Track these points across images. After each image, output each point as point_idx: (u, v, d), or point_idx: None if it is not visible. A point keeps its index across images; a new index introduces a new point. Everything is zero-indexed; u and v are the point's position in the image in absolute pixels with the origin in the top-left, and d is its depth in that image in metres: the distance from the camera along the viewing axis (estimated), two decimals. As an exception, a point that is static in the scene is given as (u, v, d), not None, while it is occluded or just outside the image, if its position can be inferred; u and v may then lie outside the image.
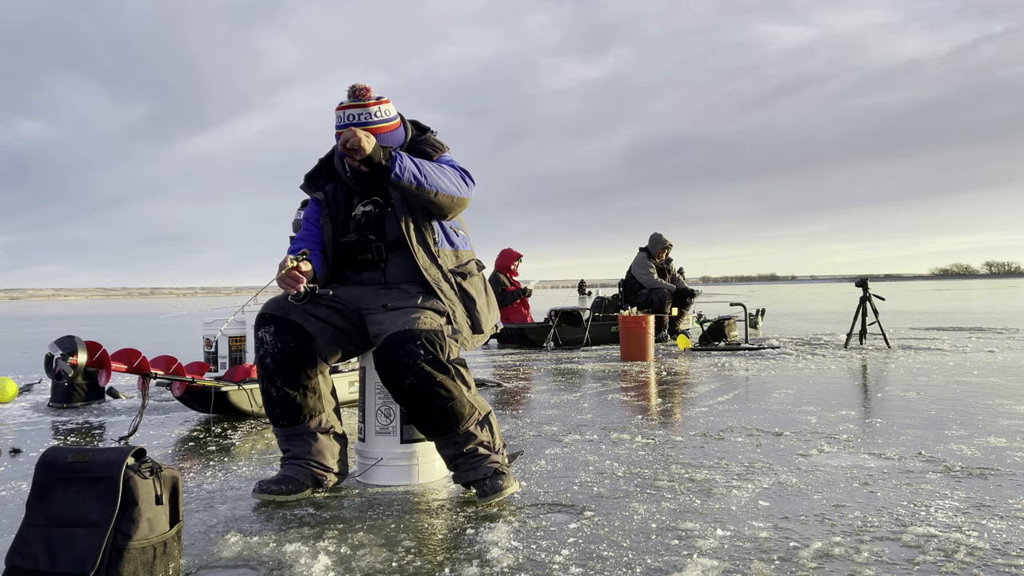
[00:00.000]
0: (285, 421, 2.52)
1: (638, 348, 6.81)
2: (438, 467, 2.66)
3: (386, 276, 2.58)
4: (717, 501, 2.36)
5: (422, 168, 2.44)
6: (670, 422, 3.74)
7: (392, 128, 2.57)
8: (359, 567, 1.87)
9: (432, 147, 2.62)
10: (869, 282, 7.51)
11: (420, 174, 2.42)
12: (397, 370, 2.30)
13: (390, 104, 2.57)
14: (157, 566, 1.76)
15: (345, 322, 2.53)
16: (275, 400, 2.50)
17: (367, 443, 2.65)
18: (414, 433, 2.61)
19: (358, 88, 2.52)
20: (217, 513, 2.34)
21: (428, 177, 2.44)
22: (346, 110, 2.51)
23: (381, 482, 2.61)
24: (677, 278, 9.57)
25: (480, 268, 2.71)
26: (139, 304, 45.33)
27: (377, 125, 2.51)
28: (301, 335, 2.46)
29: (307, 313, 2.49)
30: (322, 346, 2.49)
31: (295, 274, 2.39)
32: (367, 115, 2.50)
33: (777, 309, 17.04)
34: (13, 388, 4.59)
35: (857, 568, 1.80)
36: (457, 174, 2.55)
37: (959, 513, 2.20)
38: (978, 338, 8.29)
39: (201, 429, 3.82)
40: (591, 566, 1.84)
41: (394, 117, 2.58)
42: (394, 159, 2.38)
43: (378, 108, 2.52)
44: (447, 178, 2.49)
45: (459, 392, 2.36)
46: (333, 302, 2.53)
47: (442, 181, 2.47)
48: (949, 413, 3.79)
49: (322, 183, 2.69)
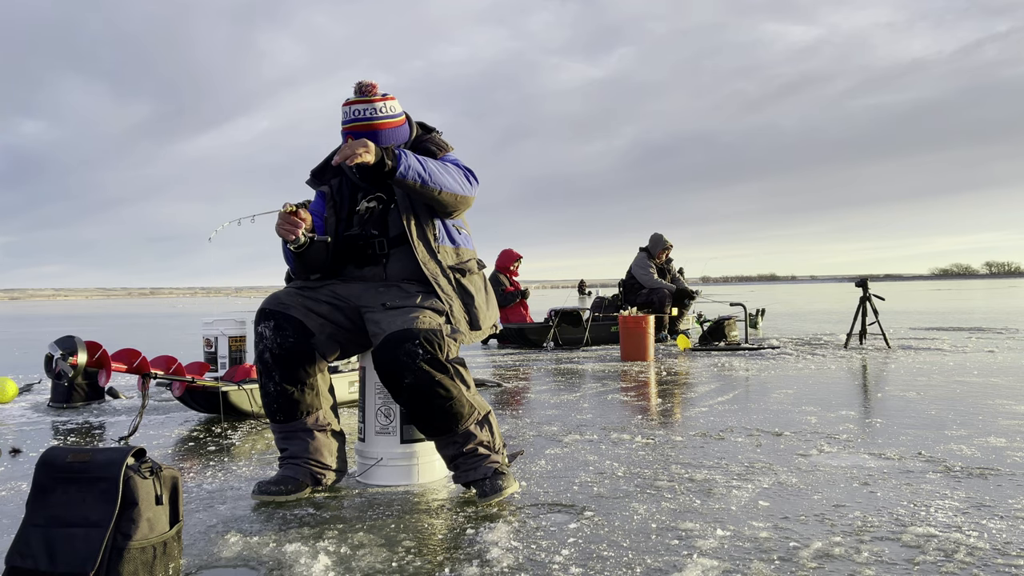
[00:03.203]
0: (282, 417, 2.52)
1: (638, 348, 6.81)
2: (438, 467, 2.66)
3: (387, 272, 2.59)
4: (717, 501, 2.36)
5: (426, 166, 2.45)
6: (670, 422, 3.74)
7: (397, 124, 2.60)
8: (359, 567, 1.87)
9: (437, 146, 2.64)
10: (869, 282, 7.51)
11: (424, 171, 2.44)
12: (396, 370, 2.30)
13: (395, 101, 2.60)
14: (157, 566, 1.76)
15: (345, 319, 2.53)
16: (273, 395, 2.50)
17: (367, 443, 2.64)
18: (414, 433, 2.60)
19: (364, 85, 2.56)
20: (217, 513, 2.34)
21: (432, 175, 2.45)
22: (352, 105, 2.55)
23: (381, 482, 2.61)
24: (677, 278, 9.57)
25: (481, 267, 2.72)
26: (139, 304, 45.31)
27: (382, 120, 2.55)
28: (301, 331, 2.47)
29: (307, 309, 2.49)
30: (321, 342, 2.50)
31: (294, 219, 2.38)
32: (372, 110, 2.53)
33: (777, 309, 17.04)
34: (13, 388, 4.59)
35: (857, 568, 1.80)
36: (461, 172, 2.56)
37: (959, 513, 2.20)
38: (978, 338, 8.29)
39: (201, 429, 3.82)
40: (591, 566, 1.84)
41: (399, 114, 2.61)
42: (399, 157, 2.39)
43: (383, 104, 2.56)
44: (451, 176, 2.51)
45: (458, 391, 2.36)
46: (333, 299, 2.54)
47: (446, 179, 2.49)
48: (949, 413, 3.79)
49: (328, 178, 2.71)
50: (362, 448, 2.67)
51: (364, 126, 2.54)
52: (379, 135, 2.55)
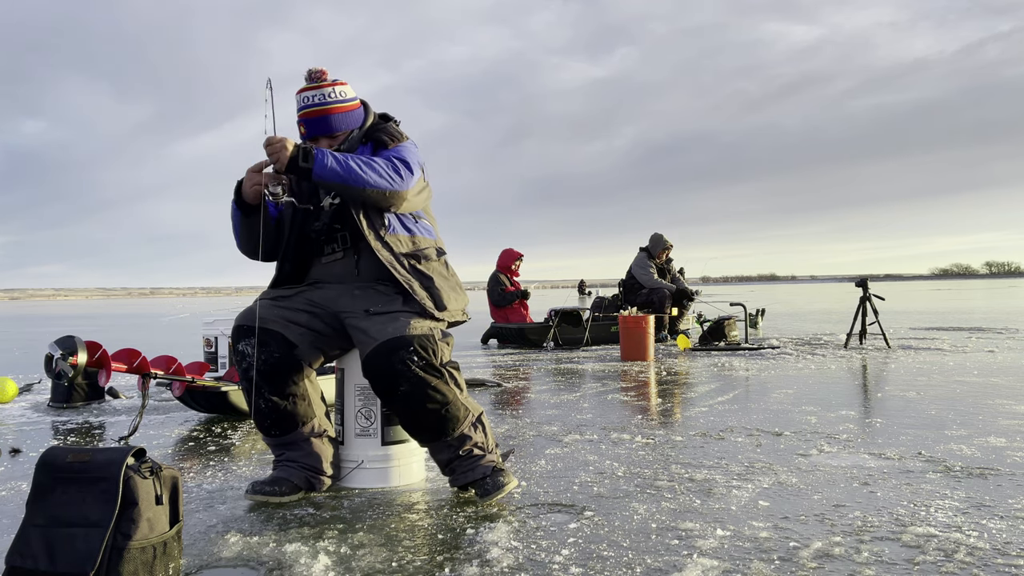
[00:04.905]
0: (277, 431, 2.50)
1: (638, 348, 6.82)
2: (416, 469, 2.65)
3: (360, 267, 2.56)
4: (717, 501, 2.36)
5: (346, 165, 2.38)
6: (670, 422, 3.74)
7: (350, 108, 2.60)
8: (359, 567, 1.87)
9: (389, 136, 2.59)
10: (869, 282, 7.51)
11: (343, 171, 2.37)
12: (390, 377, 2.29)
13: (347, 86, 2.62)
14: (157, 566, 1.76)
15: (324, 326, 2.50)
16: (264, 412, 2.47)
17: (346, 446, 2.61)
18: (395, 435, 2.58)
19: (314, 71, 2.58)
20: (217, 513, 2.34)
21: (352, 173, 2.38)
22: (303, 93, 2.57)
23: (361, 485, 2.58)
24: (677, 278, 9.57)
25: (441, 254, 2.67)
26: (139, 304, 45.31)
27: (334, 105, 2.56)
28: (283, 344, 2.44)
29: (286, 321, 2.46)
30: (305, 352, 2.47)
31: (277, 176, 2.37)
32: (322, 96, 2.55)
33: (777, 309, 17.04)
34: (13, 388, 4.59)
35: (857, 568, 1.80)
36: (390, 166, 2.47)
37: (959, 513, 2.20)
38: (978, 338, 8.29)
39: (201, 429, 3.82)
40: (591, 566, 1.84)
41: (352, 99, 2.61)
42: (316, 158, 2.34)
43: (333, 89, 2.57)
44: (376, 173, 2.42)
45: (453, 395, 2.36)
46: (309, 306, 2.51)
47: (370, 176, 2.41)
48: (949, 413, 3.79)
49: None
50: (341, 451, 2.62)
51: (317, 111, 2.54)
52: (332, 119, 2.55)
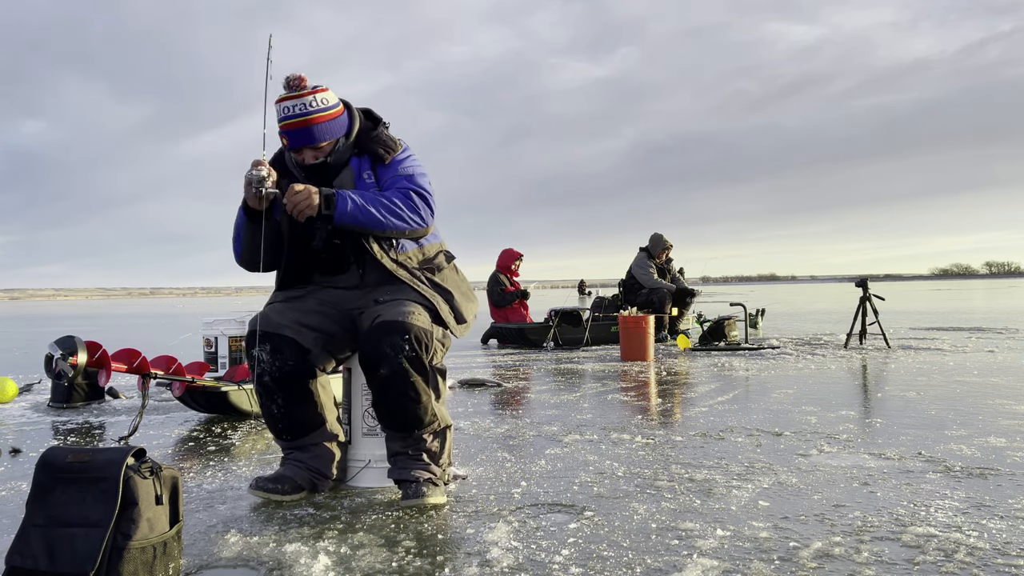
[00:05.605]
0: (289, 436, 2.51)
1: (638, 348, 6.81)
2: None
3: (364, 281, 2.54)
4: (717, 501, 2.36)
5: (365, 210, 2.35)
6: (670, 422, 3.74)
7: (333, 116, 2.46)
8: (359, 567, 1.87)
9: (384, 146, 2.51)
10: (869, 282, 7.51)
11: (363, 216, 2.35)
12: (376, 357, 2.31)
13: (329, 92, 2.47)
14: (157, 566, 1.76)
15: (336, 327, 2.50)
16: (277, 417, 2.49)
17: (353, 445, 2.62)
18: None
19: (292, 78, 2.42)
20: (217, 513, 2.34)
21: (372, 219, 2.36)
22: (283, 103, 2.42)
23: (369, 484, 2.59)
24: (677, 278, 9.57)
25: (450, 259, 2.66)
26: (139, 304, 45.30)
27: (316, 115, 2.41)
28: (297, 351, 2.42)
29: (300, 325, 2.45)
30: (317, 356, 2.47)
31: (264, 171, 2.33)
32: (303, 106, 2.41)
33: (777, 309, 17.04)
34: (13, 388, 4.59)
35: (857, 568, 1.80)
36: (407, 205, 2.41)
37: (959, 513, 2.20)
38: (978, 338, 8.29)
39: (201, 429, 3.82)
40: (591, 566, 1.84)
41: (335, 105, 2.48)
42: (336, 204, 2.32)
43: (313, 98, 2.42)
44: (396, 216, 2.39)
45: (428, 398, 2.37)
46: (321, 306, 2.50)
47: (390, 221, 2.38)
48: (949, 413, 3.79)
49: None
50: (348, 450, 2.63)
51: (299, 123, 2.41)
52: (314, 129, 2.42)
